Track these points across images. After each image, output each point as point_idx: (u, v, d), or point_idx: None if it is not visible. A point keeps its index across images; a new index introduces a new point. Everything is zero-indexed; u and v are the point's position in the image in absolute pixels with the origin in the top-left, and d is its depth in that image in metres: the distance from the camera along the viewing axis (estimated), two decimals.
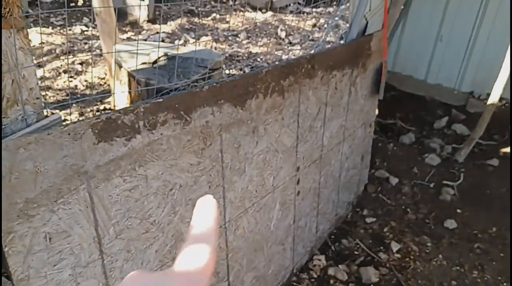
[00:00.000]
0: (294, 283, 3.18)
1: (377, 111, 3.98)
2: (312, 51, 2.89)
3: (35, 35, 6.35)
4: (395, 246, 3.53)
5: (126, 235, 1.72)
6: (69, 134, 1.43)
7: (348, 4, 3.23)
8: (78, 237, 1.55)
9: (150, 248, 1.84)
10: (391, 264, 3.39)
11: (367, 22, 3.17)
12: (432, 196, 4.14)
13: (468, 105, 5.31)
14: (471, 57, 5.18)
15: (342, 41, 3.17)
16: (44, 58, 5.99)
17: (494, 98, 4.29)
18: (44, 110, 1.68)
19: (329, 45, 3.19)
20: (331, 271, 3.29)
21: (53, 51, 6.43)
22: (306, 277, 3.25)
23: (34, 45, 6.03)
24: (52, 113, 1.95)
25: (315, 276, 3.28)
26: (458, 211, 3.95)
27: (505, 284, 3.23)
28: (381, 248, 3.56)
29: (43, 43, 6.20)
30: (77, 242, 1.55)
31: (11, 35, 1.42)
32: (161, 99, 1.70)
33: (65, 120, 2.49)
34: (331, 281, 3.23)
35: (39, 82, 1.63)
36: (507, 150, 4.65)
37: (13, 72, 1.45)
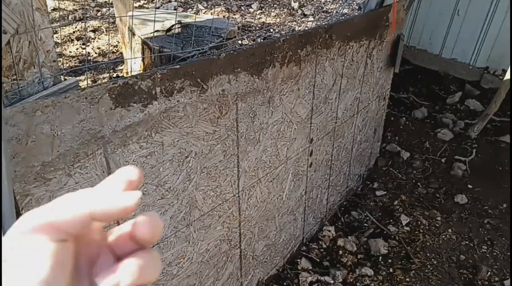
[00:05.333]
0: (304, 253, 3.21)
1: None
2: (327, 22, 2.84)
3: (47, 1, 6.29)
4: (404, 219, 3.54)
5: (142, 200, 1.73)
6: (86, 98, 1.42)
7: None
8: None
9: (165, 214, 1.85)
10: (400, 237, 3.40)
11: None
12: (443, 171, 4.12)
13: (483, 81, 5.23)
14: (487, 32, 5.07)
15: (360, 11, 3.11)
16: (57, 24, 5.95)
17: (510, 74, 4.23)
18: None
19: (343, 17, 3.14)
20: (340, 242, 3.31)
21: (65, 17, 6.39)
22: (315, 247, 3.27)
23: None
24: (65, 80, 1.94)
25: (324, 246, 3.31)
26: (469, 186, 3.93)
27: None
28: (391, 221, 3.57)
29: (55, 9, 6.15)
30: None
31: None
32: (178, 66, 1.68)
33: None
34: (340, 252, 3.25)
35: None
36: None
37: (30, 34, 1.44)
